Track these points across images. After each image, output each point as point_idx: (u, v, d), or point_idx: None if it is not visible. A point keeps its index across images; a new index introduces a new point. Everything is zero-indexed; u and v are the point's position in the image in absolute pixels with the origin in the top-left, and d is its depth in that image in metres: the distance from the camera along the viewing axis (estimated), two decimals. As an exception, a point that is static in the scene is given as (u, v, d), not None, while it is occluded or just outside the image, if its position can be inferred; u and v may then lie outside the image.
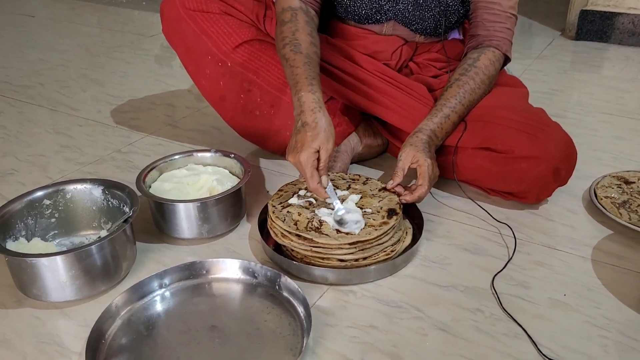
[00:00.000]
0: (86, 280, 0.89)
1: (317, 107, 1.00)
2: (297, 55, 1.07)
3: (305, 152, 0.96)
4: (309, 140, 0.97)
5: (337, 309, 0.90)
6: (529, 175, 1.07)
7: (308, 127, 0.98)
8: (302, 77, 1.04)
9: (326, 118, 1.00)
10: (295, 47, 1.09)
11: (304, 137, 0.98)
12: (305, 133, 0.98)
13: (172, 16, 1.24)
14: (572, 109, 1.70)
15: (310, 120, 0.99)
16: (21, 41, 2.44)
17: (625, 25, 2.28)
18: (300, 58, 1.07)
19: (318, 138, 0.97)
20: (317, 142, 0.97)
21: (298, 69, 1.05)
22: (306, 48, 1.09)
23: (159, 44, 2.37)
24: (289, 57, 1.08)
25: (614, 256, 1.02)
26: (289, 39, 1.10)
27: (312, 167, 0.97)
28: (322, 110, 1.00)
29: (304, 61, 1.06)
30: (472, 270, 0.99)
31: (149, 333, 0.85)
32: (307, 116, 0.99)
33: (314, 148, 0.97)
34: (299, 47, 1.09)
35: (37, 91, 1.85)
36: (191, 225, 1.04)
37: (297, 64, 1.06)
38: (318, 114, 1.00)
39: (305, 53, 1.08)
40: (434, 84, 1.26)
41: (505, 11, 1.16)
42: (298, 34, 1.11)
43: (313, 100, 1.01)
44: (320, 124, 0.98)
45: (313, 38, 1.13)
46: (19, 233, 0.98)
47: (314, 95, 1.01)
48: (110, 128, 1.58)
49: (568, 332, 0.85)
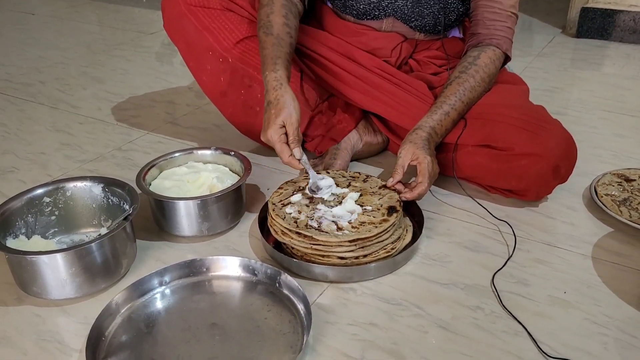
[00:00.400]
0: (86, 278, 0.89)
1: (278, 85, 1.04)
2: (268, 37, 1.11)
3: (271, 129, 1.01)
4: (273, 117, 1.01)
5: (337, 306, 0.90)
6: (529, 172, 1.07)
7: (271, 104, 1.03)
8: (268, 57, 1.08)
9: (288, 93, 1.03)
10: (267, 29, 1.12)
11: (269, 115, 1.02)
12: (270, 111, 1.02)
13: (173, 12, 1.24)
14: (572, 106, 1.70)
15: (272, 98, 1.03)
16: (21, 39, 2.44)
17: (626, 22, 2.28)
18: (270, 40, 1.10)
19: (281, 113, 1.01)
20: (280, 118, 1.01)
21: (266, 51, 1.09)
22: (277, 29, 1.12)
23: (160, 41, 2.37)
24: (261, 39, 1.12)
25: (614, 254, 1.02)
26: (263, 22, 1.13)
27: (280, 142, 1.01)
28: (284, 86, 1.04)
29: (272, 42, 1.09)
30: (472, 268, 0.99)
31: (149, 330, 0.85)
32: (270, 94, 1.03)
33: (279, 124, 1.01)
34: (271, 29, 1.11)
35: (38, 89, 1.85)
36: (191, 223, 1.04)
37: (267, 46, 1.09)
38: (279, 90, 1.03)
39: (275, 34, 1.11)
40: (434, 82, 1.25)
41: (505, 10, 1.16)
42: (272, 16, 1.13)
43: (275, 79, 1.04)
44: (282, 100, 1.02)
45: (288, 20, 1.14)
46: (19, 231, 0.98)
47: (275, 74, 1.05)
48: (110, 126, 1.58)
49: (568, 329, 0.85)
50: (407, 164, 1.07)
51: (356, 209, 0.99)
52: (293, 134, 1.02)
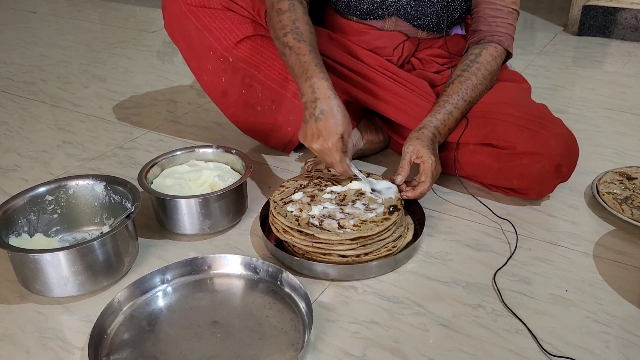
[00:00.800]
0: (88, 276, 0.89)
1: (332, 94, 1.01)
2: (302, 43, 1.07)
3: (331, 139, 0.99)
4: (333, 126, 0.99)
5: (339, 304, 0.90)
6: (530, 171, 1.07)
7: (329, 114, 1.00)
8: (312, 64, 1.04)
9: (341, 104, 1.02)
10: (298, 35, 1.08)
11: (327, 125, 0.99)
12: (327, 120, 1.00)
13: (174, 12, 1.24)
14: (574, 104, 1.70)
15: (328, 107, 1.00)
16: (23, 37, 2.44)
17: (627, 20, 2.27)
18: (304, 46, 1.07)
19: (341, 124, 1.00)
20: (340, 128, 0.99)
21: (305, 57, 1.05)
22: (308, 37, 1.09)
23: (161, 39, 2.37)
24: (293, 44, 1.08)
25: (616, 252, 1.02)
26: (291, 27, 1.10)
27: (340, 153, 1.01)
28: (337, 96, 1.02)
29: (309, 49, 1.07)
30: (474, 266, 0.99)
31: (151, 328, 0.85)
32: (325, 103, 1.01)
33: (339, 134, 0.99)
34: (302, 36, 1.09)
35: (39, 87, 1.85)
36: (193, 221, 1.04)
37: (303, 52, 1.06)
38: (335, 100, 1.01)
39: (308, 41, 1.08)
40: (436, 80, 1.25)
41: (507, 6, 1.16)
42: (298, 23, 1.11)
43: (327, 87, 1.02)
44: (340, 110, 1.00)
45: (311, 27, 1.13)
46: (21, 229, 0.98)
47: (327, 82, 1.02)
48: (112, 124, 1.58)
49: (569, 327, 0.86)
50: (413, 160, 1.06)
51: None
52: (348, 145, 1.03)
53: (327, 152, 1.01)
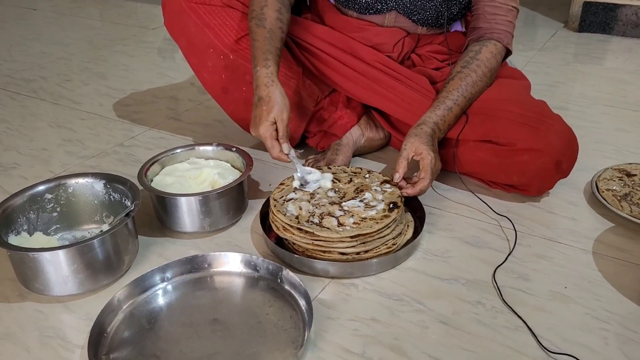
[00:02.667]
0: (88, 274, 0.89)
1: (269, 81, 1.05)
2: (260, 29, 1.11)
3: (262, 126, 1.03)
4: (264, 113, 1.04)
5: (339, 302, 0.91)
6: (530, 167, 1.07)
7: (263, 101, 1.05)
8: (260, 51, 1.09)
9: (279, 90, 1.05)
10: (259, 22, 1.12)
11: (260, 112, 1.04)
12: (261, 107, 1.05)
13: (174, 9, 1.24)
14: (574, 101, 1.70)
15: (264, 95, 1.05)
16: (23, 34, 2.44)
17: (628, 17, 2.27)
18: (262, 32, 1.11)
19: (273, 110, 1.03)
20: (272, 114, 1.03)
21: (258, 43, 1.10)
22: (270, 23, 1.12)
23: (162, 36, 2.37)
24: (253, 30, 1.13)
25: (615, 249, 1.02)
26: (256, 13, 1.14)
27: (271, 138, 1.04)
28: (275, 83, 1.06)
29: (265, 36, 1.11)
30: (473, 263, 0.99)
31: (151, 326, 0.85)
32: (262, 90, 1.05)
33: (270, 120, 1.03)
34: (264, 22, 1.12)
35: (39, 85, 1.85)
36: (193, 219, 1.04)
37: (258, 38, 1.11)
38: (271, 87, 1.05)
39: (268, 28, 1.12)
40: (436, 77, 1.25)
41: (506, 4, 1.16)
42: (266, 9, 1.14)
43: (266, 75, 1.06)
44: (274, 97, 1.04)
45: (280, 14, 1.15)
46: (21, 227, 0.98)
47: (267, 70, 1.06)
48: (112, 121, 1.58)
49: (568, 324, 0.86)
50: (411, 156, 1.06)
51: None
52: (283, 130, 1.05)
53: (261, 138, 1.05)
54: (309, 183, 1.06)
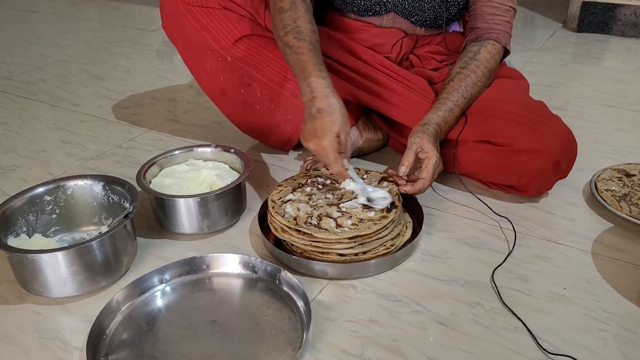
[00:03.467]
0: (87, 276, 0.89)
1: (330, 92, 1.00)
2: (301, 42, 1.07)
3: (327, 138, 0.96)
4: (328, 125, 0.97)
5: (337, 303, 0.90)
6: (529, 168, 1.07)
7: (325, 112, 0.98)
8: (310, 63, 1.03)
9: (340, 102, 1.00)
10: (298, 35, 1.08)
11: (323, 123, 0.97)
12: (323, 118, 0.97)
13: (171, 11, 1.24)
14: (573, 101, 1.70)
15: (325, 106, 0.98)
16: (23, 36, 2.44)
17: (627, 16, 2.27)
18: (304, 45, 1.06)
19: (337, 122, 0.97)
20: (336, 127, 0.97)
21: (304, 56, 1.04)
22: (309, 35, 1.08)
23: (160, 38, 2.37)
24: (293, 44, 1.07)
25: (614, 249, 1.02)
26: (291, 27, 1.09)
27: (335, 152, 0.97)
28: (335, 94, 1.00)
29: (308, 48, 1.06)
30: (472, 264, 0.99)
31: (149, 328, 0.85)
32: (322, 101, 0.99)
33: (335, 132, 0.97)
34: (302, 35, 1.08)
35: (39, 87, 1.85)
36: (191, 221, 1.04)
37: (303, 51, 1.05)
38: (332, 98, 0.99)
39: (308, 40, 1.07)
40: (435, 77, 1.25)
41: (504, 4, 1.16)
42: (299, 22, 1.10)
43: (325, 86, 1.00)
44: (337, 109, 0.98)
45: (313, 26, 1.12)
46: (20, 229, 0.98)
47: (324, 81, 1.01)
48: (111, 123, 1.58)
49: (568, 325, 0.86)
50: (418, 152, 1.06)
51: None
52: (345, 144, 1.00)
53: (322, 151, 0.98)
54: (375, 201, 0.99)
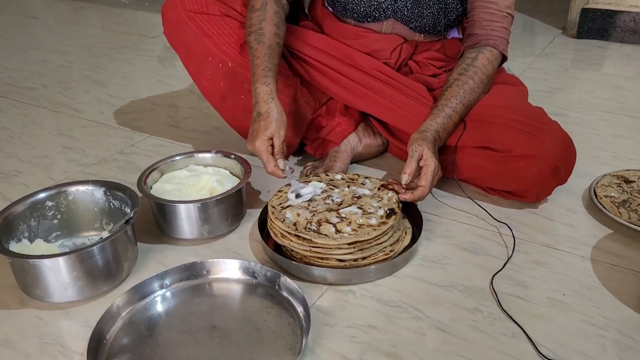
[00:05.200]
0: (88, 281, 0.90)
1: (269, 98, 1.08)
2: (260, 45, 1.14)
3: (259, 140, 1.05)
4: (262, 129, 1.06)
5: (337, 308, 0.91)
6: (528, 174, 1.08)
7: (261, 117, 1.07)
8: (260, 68, 1.11)
9: (278, 108, 1.08)
10: (258, 37, 1.15)
11: (258, 127, 1.07)
12: (259, 122, 1.07)
13: (173, 18, 1.25)
14: (572, 107, 1.70)
15: (263, 111, 1.07)
16: (25, 43, 2.45)
17: (626, 23, 2.28)
18: (262, 49, 1.13)
19: (270, 127, 1.06)
20: (269, 130, 1.06)
21: (258, 60, 1.12)
22: (269, 39, 1.15)
23: (162, 44, 2.38)
24: (252, 45, 1.15)
25: (614, 255, 1.03)
26: (255, 28, 1.16)
27: (267, 153, 1.06)
28: (274, 100, 1.08)
29: (264, 52, 1.13)
30: (471, 270, 0.99)
31: (149, 333, 0.86)
32: (261, 107, 1.08)
33: (267, 136, 1.06)
34: (263, 37, 1.14)
35: (40, 93, 1.86)
36: (192, 226, 1.04)
37: (258, 55, 1.13)
38: (270, 104, 1.08)
39: (267, 44, 1.14)
40: (433, 84, 1.26)
41: (501, 10, 1.17)
42: (264, 24, 1.16)
43: (266, 92, 1.09)
44: (272, 114, 1.07)
45: (278, 29, 1.18)
46: (21, 234, 0.99)
47: (267, 87, 1.09)
48: (112, 129, 1.59)
49: (566, 331, 0.86)
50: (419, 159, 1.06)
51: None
52: (279, 147, 1.07)
53: (256, 152, 1.06)
54: (302, 196, 1.05)
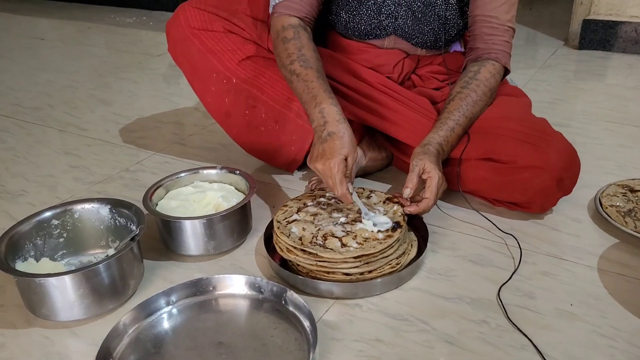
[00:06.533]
0: (94, 299, 0.90)
1: (341, 119, 1.04)
2: (309, 70, 1.10)
3: (335, 159, 0.99)
4: (337, 147, 1.00)
5: (343, 323, 0.91)
6: (532, 185, 1.08)
7: (335, 136, 1.02)
8: (320, 90, 1.07)
9: (350, 129, 1.04)
10: (304, 63, 1.11)
11: (333, 145, 1.01)
12: (333, 142, 1.01)
13: (177, 36, 1.26)
14: (576, 118, 1.70)
15: (336, 130, 1.02)
16: (31, 63, 2.48)
17: (628, 33, 2.28)
18: (312, 72, 1.10)
19: (346, 146, 1.01)
20: (345, 150, 1.00)
21: (313, 83, 1.08)
22: (314, 63, 1.12)
23: (166, 62, 2.40)
24: (300, 72, 1.11)
25: (620, 265, 1.02)
26: (297, 55, 1.13)
27: (341, 174, 1.00)
28: (346, 122, 1.05)
29: (316, 75, 1.10)
30: (478, 282, 0.99)
31: (156, 350, 0.86)
32: (333, 126, 1.03)
33: (343, 155, 1.00)
34: (309, 62, 1.12)
35: (46, 112, 1.88)
36: (198, 242, 1.05)
37: (311, 78, 1.09)
38: (343, 124, 1.04)
39: (315, 68, 1.11)
40: (436, 97, 1.26)
41: (503, 24, 1.17)
42: (304, 50, 1.14)
43: (337, 112, 1.05)
44: (347, 134, 1.02)
45: (317, 54, 1.16)
46: (27, 253, 0.99)
47: (336, 108, 1.05)
48: (118, 147, 1.60)
49: (575, 342, 0.85)
50: (421, 173, 1.07)
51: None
52: (351, 169, 1.03)
53: (329, 172, 1.00)
54: (376, 225, 1.00)
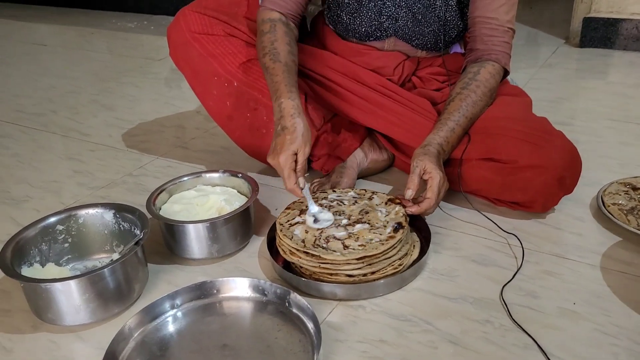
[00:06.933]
0: (100, 303, 0.91)
1: (295, 113, 1.06)
2: (276, 64, 1.13)
3: (283, 154, 1.02)
4: (287, 143, 1.03)
5: (347, 324, 0.91)
6: (534, 184, 1.08)
7: (287, 130, 1.04)
8: (282, 84, 1.10)
9: (304, 123, 1.05)
10: (274, 57, 1.14)
11: (284, 140, 1.03)
12: (284, 136, 1.03)
13: (178, 40, 1.27)
14: (577, 116, 1.70)
15: (289, 125, 1.04)
16: (33, 69, 2.49)
17: (629, 30, 2.28)
18: (279, 67, 1.13)
19: (296, 141, 1.03)
20: (295, 145, 1.02)
21: (277, 77, 1.11)
22: (284, 57, 1.15)
23: (168, 67, 2.41)
24: (269, 65, 1.14)
25: (623, 263, 1.02)
26: (268, 49, 1.16)
27: (289, 169, 1.02)
28: (301, 115, 1.06)
29: (282, 69, 1.12)
30: (481, 282, 0.99)
31: (162, 354, 0.86)
32: (287, 121, 1.05)
33: (292, 150, 1.02)
34: (278, 56, 1.14)
35: (49, 118, 1.89)
36: (201, 246, 1.05)
37: (277, 72, 1.12)
38: (297, 118, 1.05)
39: (283, 62, 1.14)
40: (437, 98, 1.27)
41: (502, 25, 1.17)
42: (277, 44, 1.16)
43: (292, 107, 1.06)
44: (299, 128, 1.04)
45: (291, 47, 1.18)
46: (33, 259, 1.00)
47: (293, 102, 1.07)
48: (121, 152, 1.60)
49: (578, 341, 0.85)
50: (422, 174, 1.07)
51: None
52: (302, 164, 1.04)
53: (278, 166, 1.03)
54: (319, 221, 1.02)
